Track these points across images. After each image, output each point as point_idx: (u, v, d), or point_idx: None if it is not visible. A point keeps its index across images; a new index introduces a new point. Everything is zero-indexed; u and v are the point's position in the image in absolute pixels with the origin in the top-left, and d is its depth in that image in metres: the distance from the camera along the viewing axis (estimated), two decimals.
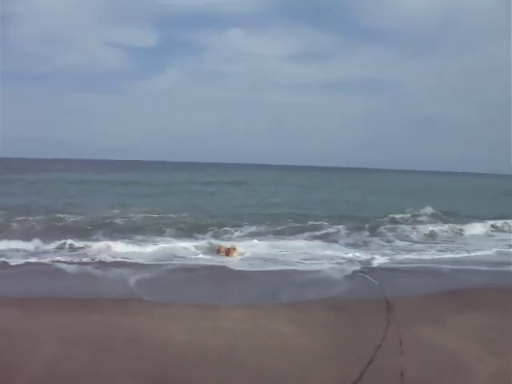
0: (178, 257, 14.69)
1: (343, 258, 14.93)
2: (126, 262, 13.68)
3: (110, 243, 15.65)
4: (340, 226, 21.03)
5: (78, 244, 15.58)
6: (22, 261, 13.15)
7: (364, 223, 22.06)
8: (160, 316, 8.39)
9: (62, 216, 21.36)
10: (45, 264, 13.06)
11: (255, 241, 17.36)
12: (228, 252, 15.14)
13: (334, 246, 17.51)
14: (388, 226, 22.16)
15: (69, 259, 13.67)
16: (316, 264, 14.05)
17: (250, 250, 15.76)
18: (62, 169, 72.32)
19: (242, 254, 15.24)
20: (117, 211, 23.74)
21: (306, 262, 14.43)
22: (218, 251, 15.38)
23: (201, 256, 14.98)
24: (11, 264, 12.77)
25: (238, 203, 31.11)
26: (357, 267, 13.66)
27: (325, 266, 13.83)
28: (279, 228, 20.61)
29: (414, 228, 21.68)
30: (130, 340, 7.13)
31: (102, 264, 13.41)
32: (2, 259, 13.17)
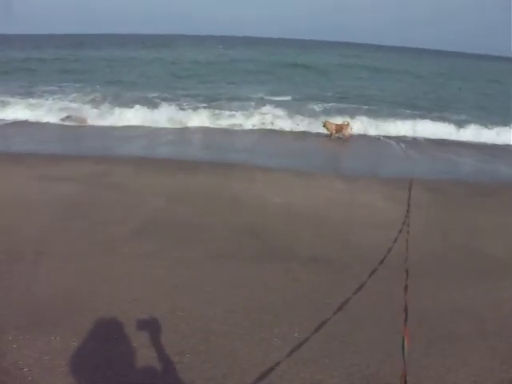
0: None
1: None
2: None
3: None
4: None
5: None
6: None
7: None
8: (260, 180, 8.92)
9: None
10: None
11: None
12: (340, 129, 14.17)
13: None
14: None
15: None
16: None
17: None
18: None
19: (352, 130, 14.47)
20: None
21: None
22: (331, 133, 14.22)
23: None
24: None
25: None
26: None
27: None
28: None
29: None
30: (230, 199, 7.71)
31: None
32: None
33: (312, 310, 4.50)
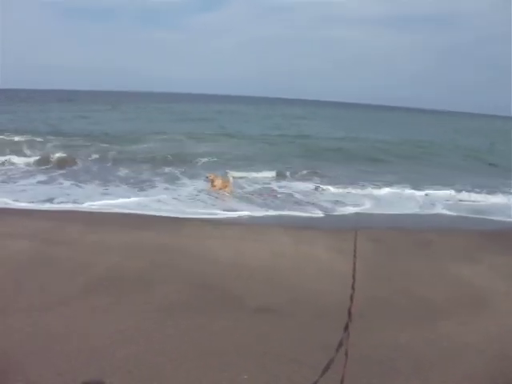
0: None
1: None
2: None
3: None
4: None
5: None
6: None
7: None
8: (211, 235, 9.22)
9: None
10: None
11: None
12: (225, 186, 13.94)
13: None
14: None
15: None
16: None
17: None
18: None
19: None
20: None
21: None
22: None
23: None
24: None
25: None
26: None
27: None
28: None
29: None
30: (182, 253, 7.93)
31: None
32: None
33: (259, 357, 4.79)
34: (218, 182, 13.89)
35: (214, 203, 12.66)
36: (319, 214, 12.12)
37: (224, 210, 11.79)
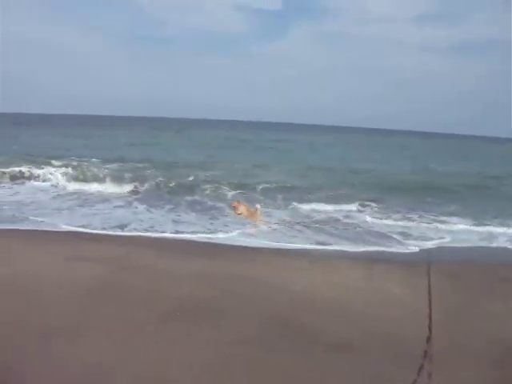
0: None
1: None
2: None
3: None
4: None
5: None
6: None
7: None
8: (281, 266, 9.23)
9: None
10: None
11: None
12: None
13: None
14: None
15: None
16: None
17: None
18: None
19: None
20: None
21: None
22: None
23: None
24: None
25: None
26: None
27: None
28: None
29: None
30: (252, 285, 7.95)
31: None
32: None
33: None
34: (243, 210, 11.59)
35: (290, 234, 12.59)
36: (389, 246, 11.89)
37: (294, 242, 11.76)
